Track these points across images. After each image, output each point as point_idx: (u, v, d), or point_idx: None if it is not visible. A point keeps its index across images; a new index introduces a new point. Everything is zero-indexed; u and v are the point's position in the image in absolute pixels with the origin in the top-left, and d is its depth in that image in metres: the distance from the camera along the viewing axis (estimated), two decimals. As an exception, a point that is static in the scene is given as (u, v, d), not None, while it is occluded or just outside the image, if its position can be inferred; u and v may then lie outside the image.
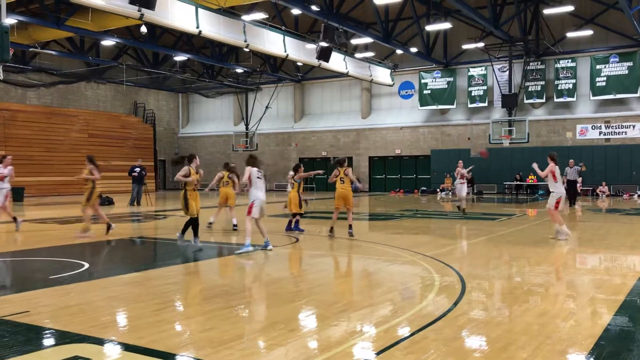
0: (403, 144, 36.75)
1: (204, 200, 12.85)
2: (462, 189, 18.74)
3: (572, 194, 21.54)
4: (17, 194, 28.49)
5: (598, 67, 30.84)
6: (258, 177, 10.42)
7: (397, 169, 37.54)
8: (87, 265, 8.96)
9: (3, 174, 13.93)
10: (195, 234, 11.11)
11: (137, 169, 24.16)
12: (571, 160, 22.57)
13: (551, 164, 12.05)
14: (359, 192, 21.26)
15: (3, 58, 9.56)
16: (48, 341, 5.10)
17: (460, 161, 19.45)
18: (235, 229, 13.85)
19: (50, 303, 6.45)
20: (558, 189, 11.99)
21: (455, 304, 6.31)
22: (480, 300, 6.70)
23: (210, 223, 14.21)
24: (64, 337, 5.09)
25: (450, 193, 32.63)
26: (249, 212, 10.22)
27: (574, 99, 31.64)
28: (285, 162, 40.68)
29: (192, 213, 10.94)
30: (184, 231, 11.14)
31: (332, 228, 12.53)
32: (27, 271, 8.98)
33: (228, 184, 14.03)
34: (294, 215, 13.45)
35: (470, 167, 21.04)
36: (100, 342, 4.96)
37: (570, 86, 31.58)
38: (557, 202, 11.75)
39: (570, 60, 31.58)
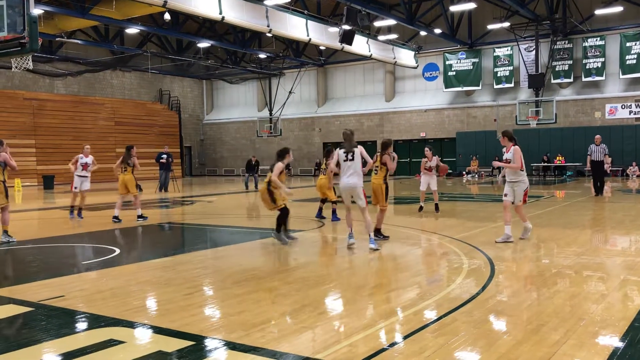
0: (428, 127, 36.45)
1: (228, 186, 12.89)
2: (427, 181, 15.31)
3: (598, 178, 18.18)
4: (48, 181, 29.08)
5: (628, 44, 30.10)
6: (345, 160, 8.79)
7: (422, 152, 37.16)
8: (118, 251, 9.12)
9: (87, 164, 14.12)
10: (286, 225, 9.90)
11: (164, 156, 24.42)
12: (597, 136, 18.66)
13: (515, 148, 9.13)
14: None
15: (32, 48, 9.68)
16: (83, 325, 5.22)
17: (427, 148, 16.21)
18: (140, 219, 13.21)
19: (84, 288, 6.59)
20: (524, 178, 9.27)
21: (485, 286, 6.28)
22: (509, 283, 6.65)
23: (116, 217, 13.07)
24: (98, 321, 5.21)
25: (476, 176, 32.33)
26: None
27: (603, 78, 30.97)
28: (309, 147, 40.70)
29: (280, 204, 9.65)
30: (279, 227, 9.67)
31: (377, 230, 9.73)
32: (61, 257, 9.18)
33: (126, 171, 13.21)
34: (324, 201, 12.69)
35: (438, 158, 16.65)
36: (133, 325, 5.06)
37: (599, 65, 30.91)
38: (526, 194, 9.31)
39: (598, 39, 30.87)
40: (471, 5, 28.67)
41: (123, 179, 13.16)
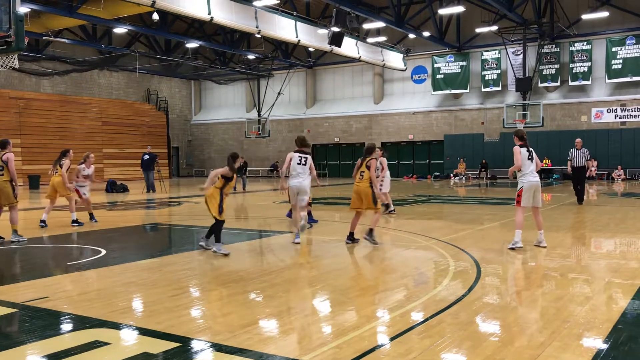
0: (416, 129, 36.59)
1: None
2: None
3: (578, 184, 16.52)
4: (34, 181, 28.83)
5: (614, 49, 30.42)
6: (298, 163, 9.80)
7: (410, 154, 37.42)
8: (104, 252, 9.06)
9: (88, 175, 13.39)
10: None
11: (146, 156, 24.39)
12: (578, 140, 16.69)
13: (514, 148, 9.23)
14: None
15: (19, 46, 9.58)
16: (68, 326, 5.17)
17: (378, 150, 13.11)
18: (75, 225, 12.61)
19: (69, 289, 6.54)
20: (522, 178, 9.00)
21: (471, 288, 6.31)
22: (495, 285, 6.69)
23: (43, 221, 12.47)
24: (83, 322, 5.17)
25: (463, 178, 32.50)
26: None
27: (589, 82, 31.27)
28: (298, 148, 40.66)
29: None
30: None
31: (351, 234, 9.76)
32: (46, 257, 9.10)
33: (57, 173, 12.53)
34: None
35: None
36: (118, 327, 5.03)
37: (586, 69, 31.20)
38: (519, 196, 8.93)
39: (585, 43, 31.17)
40: (460, 9, 28.84)
41: (53, 182, 12.46)
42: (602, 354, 4.27)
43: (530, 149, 9.20)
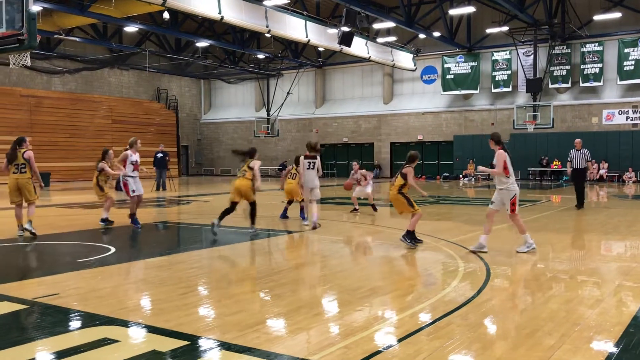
0: (425, 130, 36.48)
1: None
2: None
3: (578, 187, 15.86)
4: (44, 179, 28.97)
5: (626, 50, 30.19)
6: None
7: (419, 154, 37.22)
8: (113, 250, 9.10)
9: (135, 162, 11.79)
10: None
11: (160, 155, 24.41)
12: (578, 140, 15.89)
13: (499, 152, 8.79)
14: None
15: (30, 44, 9.65)
16: (77, 323, 5.19)
17: (355, 163, 15.03)
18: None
19: (78, 286, 6.57)
20: (510, 185, 8.69)
21: (480, 290, 6.28)
22: (504, 287, 6.66)
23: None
24: (92, 320, 5.19)
25: (473, 179, 32.38)
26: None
27: (601, 84, 31.05)
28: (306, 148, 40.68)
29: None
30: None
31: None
32: (56, 255, 9.15)
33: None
34: (290, 202, 13.42)
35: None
36: (127, 324, 5.04)
37: (597, 70, 30.99)
38: (513, 204, 8.65)
39: (597, 44, 30.95)
40: (470, 9, 28.73)
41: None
42: (614, 357, 4.23)
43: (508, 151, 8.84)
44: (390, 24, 30.82)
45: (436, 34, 31.71)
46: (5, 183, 10.89)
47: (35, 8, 10.63)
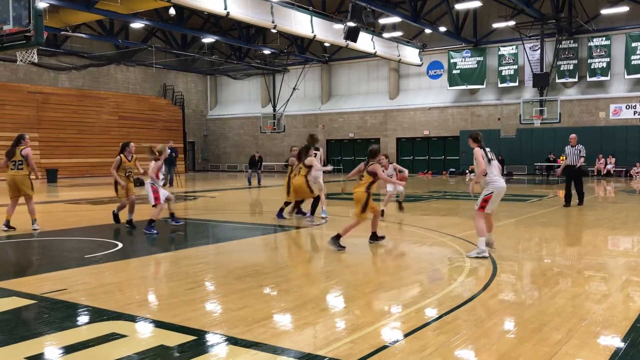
0: (431, 125, 36.40)
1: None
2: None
3: (575, 185, 14.89)
4: (52, 175, 29.14)
5: (634, 44, 30.00)
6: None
7: (425, 150, 37.26)
8: (120, 245, 9.14)
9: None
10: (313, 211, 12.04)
11: (168, 151, 24.48)
12: (573, 135, 15.17)
13: (475, 149, 8.27)
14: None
15: (37, 41, 9.68)
16: (85, 318, 5.23)
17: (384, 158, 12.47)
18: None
19: (86, 281, 6.60)
20: (490, 183, 8.08)
21: (486, 285, 6.28)
22: (511, 282, 6.65)
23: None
24: (100, 315, 5.22)
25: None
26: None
27: (608, 78, 30.89)
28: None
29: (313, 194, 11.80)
30: (313, 211, 11.97)
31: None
32: (64, 250, 9.20)
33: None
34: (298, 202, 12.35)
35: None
36: (135, 319, 5.07)
37: (604, 65, 30.82)
38: (485, 201, 8.11)
39: (604, 38, 30.77)
40: (476, 4, 28.60)
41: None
42: (621, 352, 4.22)
43: (488, 149, 8.21)
44: (396, 19, 30.73)
45: (442, 28, 31.60)
46: (4, 179, 11.01)
47: (42, 5, 10.69)
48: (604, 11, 29.37)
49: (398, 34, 33.06)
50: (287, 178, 12.16)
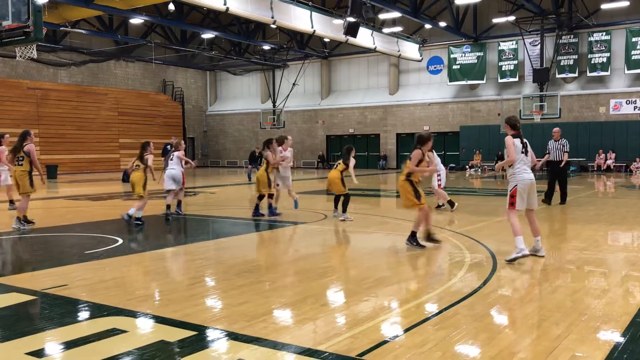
0: (431, 120, 36.38)
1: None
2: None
3: (559, 182, 14.28)
4: (51, 171, 29.14)
5: (634, 39, 29.93)
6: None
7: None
8: (121, 241, 9.14)
9: (286, 157, 12.32)
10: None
11: (168, 146, 24.52)
12: (556, 129, 14.64)
13: (506, 138, 7.76)
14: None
15: (37, 37, 9.69)
16: (85, 314, 5.24)
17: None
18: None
19: (86, 277, 6.61)
20: (514, 175, 7.52)
21: (486, 280, 6.29)
22: (511, 277, 6.66)
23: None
24: (101, 310, 5.23)
25: (479, 170, 32.30)
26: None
27: (608, 73, 30.84)
28: (312, 139, 40.69)
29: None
30: (336, 206, 11.92)
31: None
32: (64, 246, 9.21)
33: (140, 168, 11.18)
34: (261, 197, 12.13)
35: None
36: (135, 315, 5.08)
37: (604, 60, 30.77)
38: (512, 196, 7.49)
39: (604, 33, 30.71)
40: (477, -1, 28.52)
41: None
42: (620, 347, 4.23)
43: (525, 140, 7.78)
44: (396, 14, 30.66)
45: (442, 24, 31.54)
46: (37, 174, 11.08)
47: (41, 0, 10.65)
48: (604, 6, 29.30)
49: (398, 29, 32.99)
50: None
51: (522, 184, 7.42)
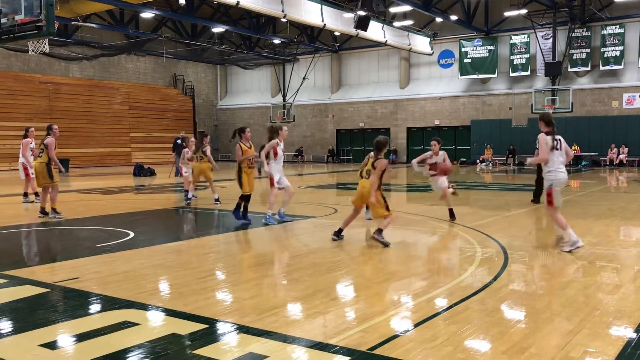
0: (442, 115, 36.22)
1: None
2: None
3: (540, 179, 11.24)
4: (63, 165, 29.29)
5: (648, 33, 29.63)
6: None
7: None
8: (132, 234, 9.19)
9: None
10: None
11: (178, 140, 24.65)
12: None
13: (539, 136, 7.86)
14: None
15: (49, 31, 9.74)
16: (97, 306, 5.27)
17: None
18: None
19: (98, 270, 6.65)
20: (549, 173, 7.69)
21: (497, 275, 6.26)
22: (522, 272, 6.62)
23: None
24: (112, 303, 5.26)
25: (490, 164, 32.14)
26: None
27: (621, 67, 30.54)
28: (322, 133, 40.66)
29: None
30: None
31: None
32: (76, 239, 9.27)
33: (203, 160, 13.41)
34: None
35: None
36: (147, 308, 5.11)
37: (618, 53, 30.47)
38: (549, 195, 7.73)
39: (617, 26, 30.40)
40: (488, -8, 28.32)
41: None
42: (633, 343, 4.20)
43: (558, 136, 7.72)
44: (406, 8, 30.51)
45: (453, 17, 31.35)
46: (11, 170, 11.34)
47: (53, -6, 10.67)
48: (618, -1, 29.02)
49: (409, 22, 32.83)
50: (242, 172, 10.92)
51: (557, 182, 7.63)
